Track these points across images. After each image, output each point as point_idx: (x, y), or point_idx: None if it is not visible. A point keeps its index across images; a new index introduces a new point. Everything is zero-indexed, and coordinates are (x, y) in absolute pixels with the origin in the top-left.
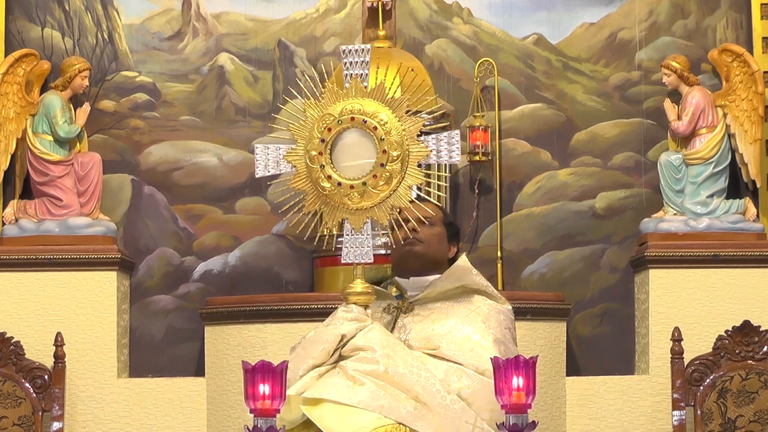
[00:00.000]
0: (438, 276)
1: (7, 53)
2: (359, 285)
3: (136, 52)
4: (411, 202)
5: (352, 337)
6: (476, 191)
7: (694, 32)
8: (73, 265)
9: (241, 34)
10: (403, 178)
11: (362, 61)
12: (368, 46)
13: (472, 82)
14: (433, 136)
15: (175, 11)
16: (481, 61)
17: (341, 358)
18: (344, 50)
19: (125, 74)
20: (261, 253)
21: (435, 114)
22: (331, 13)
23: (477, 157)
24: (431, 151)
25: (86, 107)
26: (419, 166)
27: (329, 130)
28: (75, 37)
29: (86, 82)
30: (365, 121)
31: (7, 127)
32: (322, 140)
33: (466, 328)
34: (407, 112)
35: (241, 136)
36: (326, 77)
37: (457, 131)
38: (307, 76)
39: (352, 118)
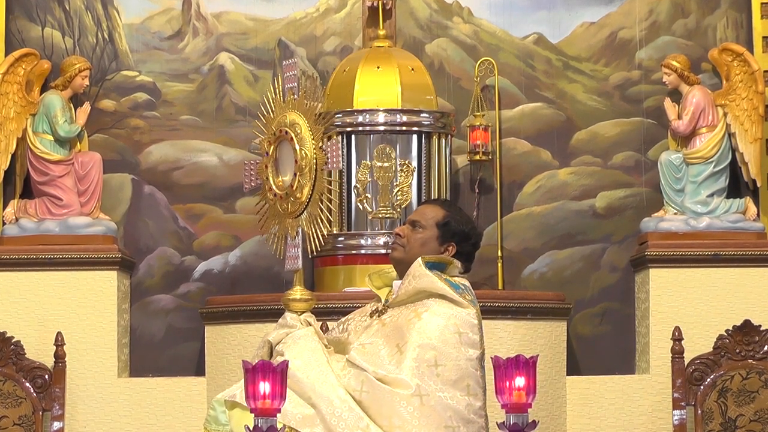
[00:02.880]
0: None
1: (7, 53)
2: (298, 292)
3: (137, 52)
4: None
5: (277, 343)
6: (476, 191)
7: (694, 31)
8: (73, 264)
9: (242, 33)
10: (314, 186)
11: (292, 75)
12: (295, 60)
13: (472, 81)
14: (324, 144)
15: (175, 11)
16: (481, 60)
17: None
18: (284, 65)
19: (125, 74)
20: (261, 252)
21: (435, 114)
22: (332, 12)
23: (477, 157)
24: (327, 158)
25: (86, 107)
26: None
27: (269, 143)
28: (75, 36)
29: (86, 82)
30: (286, 133)
31: (7, 126)
32: (267, 153)
33: (396, 334)
34: (319, 117)
35: (241, 136)
36: (276, 85)
37: (337, 139)
38: (273, 84)
39: (280, 131)
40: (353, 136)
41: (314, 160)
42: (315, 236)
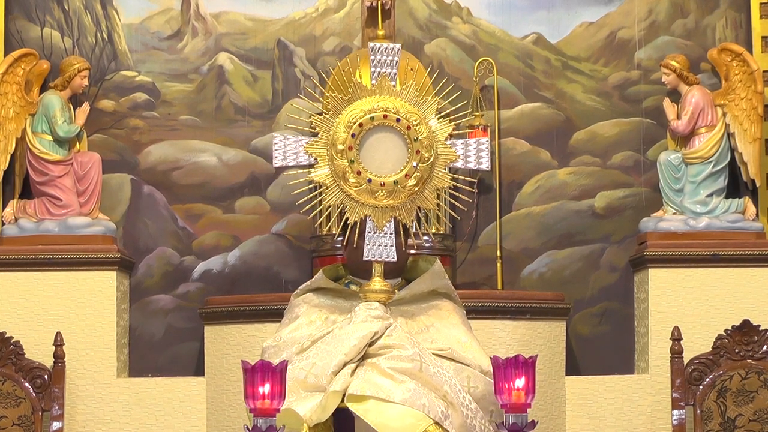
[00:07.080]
0: (402, 279)
1: (6, 53)
2: (378, 283)
3: (136, 52)
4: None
5: (381, 335)
6: (475, 190)
7: (693, 31)
8: (72, 264)
9: (241, 33)
10: (429, 180)
11: (391, 60)
12: (398, 45)
13: (471, 81)
14: (462, 141)
15: (174, 11)
16: (480, 60)
17: (365, 355)
18: (373, 47)
19: (124, 74)
20: (260, 252)
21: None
22: (331, 12)
23: None
24: (459, 155)
25: (85, 107)
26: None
27: (360, 125)
28: (74, 36)
29: (86, 82)
30: (399, 120)
31: (6, 126)
32: (353, 135)
33: (452, 330)
34: (437, 114)
35: (240, 136)
36: (326, 78)
37: (487, 138)
38: (322, 73)
39: (385, 116)
40: None
41: (436, 154)
42: (421, 228)
